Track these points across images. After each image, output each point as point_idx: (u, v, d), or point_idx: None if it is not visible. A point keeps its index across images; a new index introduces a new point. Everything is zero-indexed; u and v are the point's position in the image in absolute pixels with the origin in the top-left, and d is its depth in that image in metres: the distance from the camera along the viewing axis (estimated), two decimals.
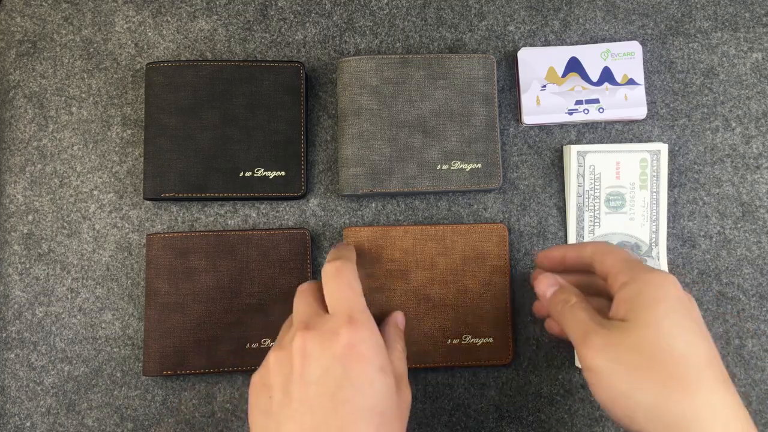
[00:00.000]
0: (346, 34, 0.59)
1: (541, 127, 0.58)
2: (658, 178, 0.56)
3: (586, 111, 0.57)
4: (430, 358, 0.48)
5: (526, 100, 0.57)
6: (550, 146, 0.58)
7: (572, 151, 0.56)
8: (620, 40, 0.58)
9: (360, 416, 0.34)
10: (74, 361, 0.55)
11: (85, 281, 0.56)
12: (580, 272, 0.45)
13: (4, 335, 0.55)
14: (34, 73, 0.58)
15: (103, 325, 0.55)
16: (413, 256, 0.46)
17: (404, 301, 0.47)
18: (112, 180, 0.57)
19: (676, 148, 0.57)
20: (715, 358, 0.34)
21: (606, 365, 0.35)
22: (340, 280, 0.39)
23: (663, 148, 0.56)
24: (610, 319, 0.38)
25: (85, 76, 0.58)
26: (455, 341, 0.47)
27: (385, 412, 0.35)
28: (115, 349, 0.55)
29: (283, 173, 0.56)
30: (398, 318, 0.45)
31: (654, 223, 0.56)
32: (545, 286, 0.43)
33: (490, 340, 0.48)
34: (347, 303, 0.38)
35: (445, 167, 0.55)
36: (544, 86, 0.57)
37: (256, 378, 0.39)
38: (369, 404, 0.35)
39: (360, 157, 0.55)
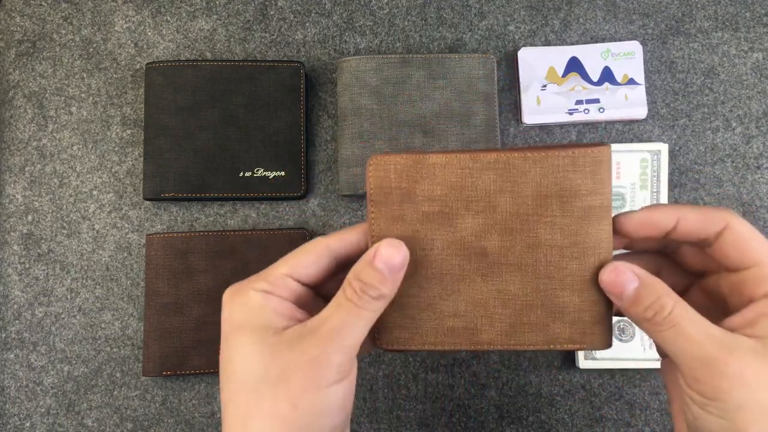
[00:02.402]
0: (346, 34, 0.59)
1: (542, 127, 0.58)
2: (659, 178, 0.56)
3: (586, 111, 0.57)
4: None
5: (527, 100, 0.57)
6: None
7: None
8: (620, 40, 0.58)
9: (225, 391, 0.30)
10: (74, 362, 0.55)
11: (84, 281, 0.55)
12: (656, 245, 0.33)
13: (4, 335, 0.55)
14: (33, 73, 0.58)
15: (103, 326, 0.55)
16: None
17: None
18: (112, 180, 0.57)
19: (677, 148, 0.57)
20: None
21: (746, 402, 0.26)
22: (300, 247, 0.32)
23: (663, 148, 0.56)
24: (732, 330, 0.28)
25: (85, 75, 0.58)
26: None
27: (254, 378, 0.29)
28: (114, 350, 0.55)
29: (283, 173, 0.56)
30: (379, 251, 0.30)
31: None
32: (622, 280, 0.29)
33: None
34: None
35: None
36: (545, 86, 0.57)
37: None
38: (229, 370, 0.29)
39: (360, 157, 0.55)
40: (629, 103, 0.57)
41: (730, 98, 0.58)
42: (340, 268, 0.32)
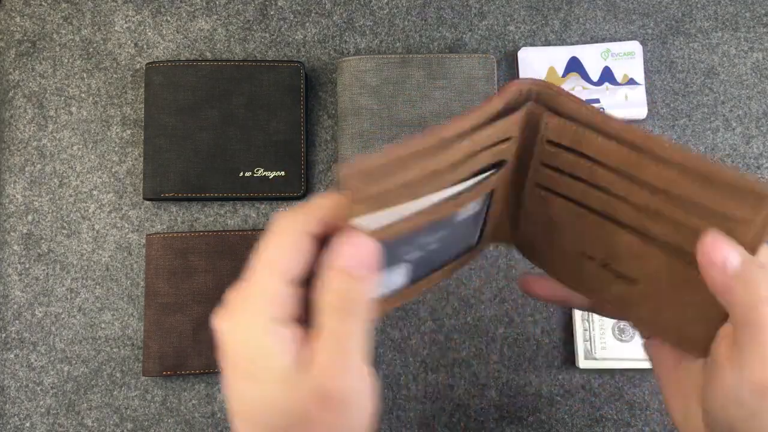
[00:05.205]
0: (346, 34, 0.59)
1: None
2: None
3: None
4: None
5: None
6: None
7: None
8: (620, 40, 0.58)
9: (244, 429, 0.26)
10: (74, 362, 0.55)
11: (84, 281, 0.55)
12: None
13: (4, 335, 0.55)
14: (33, 73, 0.58)
15: (103, 326, 0.55)
16: None
17: None
18: (112, 180, 0.57)
19: None
20: None
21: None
22: (273, 232, 0.27)
23: None
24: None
25: (85, 75, 0.58)
26: None
27: (277, 424, 0.25)
28: (114, 350, 0.55)
29: (283, 173, 0.56)
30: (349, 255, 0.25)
31: None
32: (724, 252, 0.26)
33: None
34: (252, 267, 0.28)
35: None
36: None
37: None
38: (249, 417, 0.26)
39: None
40: (629, 103, 0.57)
41: (730, 98, 0.58)
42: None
